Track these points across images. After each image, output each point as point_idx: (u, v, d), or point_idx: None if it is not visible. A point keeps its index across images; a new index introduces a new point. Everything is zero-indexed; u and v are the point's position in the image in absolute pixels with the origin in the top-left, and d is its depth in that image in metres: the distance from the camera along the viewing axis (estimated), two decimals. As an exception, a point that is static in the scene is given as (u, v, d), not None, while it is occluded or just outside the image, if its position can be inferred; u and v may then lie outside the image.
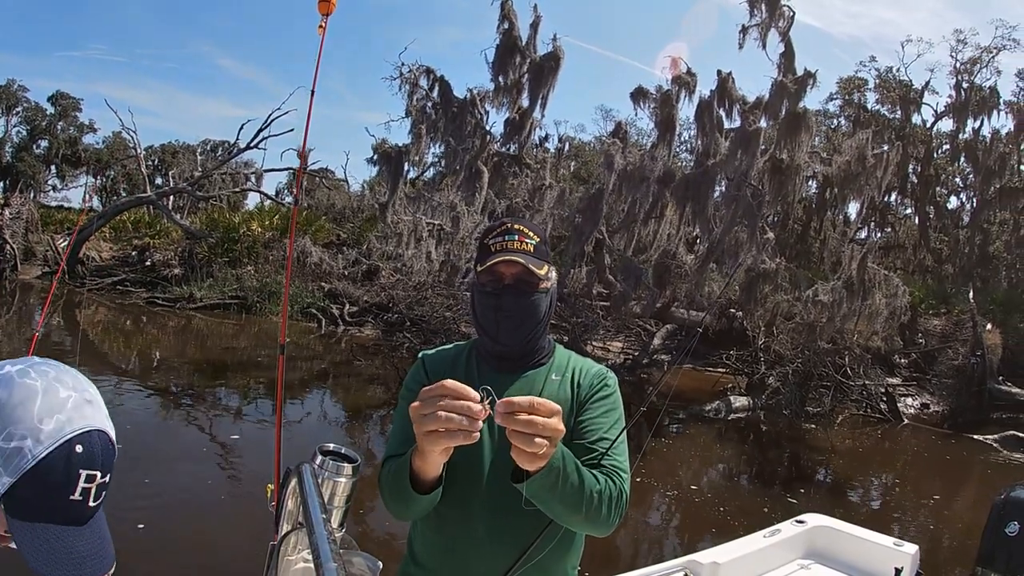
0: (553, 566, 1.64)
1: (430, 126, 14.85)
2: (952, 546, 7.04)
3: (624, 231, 13.95)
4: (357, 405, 10.80)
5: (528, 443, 1.21)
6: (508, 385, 1.69)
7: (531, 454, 1.23)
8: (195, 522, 5.57)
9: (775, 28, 13.56)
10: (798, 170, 12.54)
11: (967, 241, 22.13)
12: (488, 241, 1.67)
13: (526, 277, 1.64)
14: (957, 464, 10.82)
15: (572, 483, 1.40)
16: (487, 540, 1.60)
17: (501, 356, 1.72)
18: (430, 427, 1.22)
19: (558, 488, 1.38)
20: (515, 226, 1.67)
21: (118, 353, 12.90)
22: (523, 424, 1.20)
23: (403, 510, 1.59)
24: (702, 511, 7.56)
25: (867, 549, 3.40)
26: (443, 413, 1.20)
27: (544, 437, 1.22)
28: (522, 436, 1.21)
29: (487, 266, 1.64)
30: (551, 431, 1.23)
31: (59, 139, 47.26)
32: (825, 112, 24.51)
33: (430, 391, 1.24)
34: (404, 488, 1.49)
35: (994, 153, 20.85)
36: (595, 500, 1.46)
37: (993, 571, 2.87)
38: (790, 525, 3.55)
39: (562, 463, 1.37)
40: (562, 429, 1.26)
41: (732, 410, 12.05)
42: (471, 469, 1.61)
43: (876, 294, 11.78)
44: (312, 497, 1.21)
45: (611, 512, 1.50)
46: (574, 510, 1.44)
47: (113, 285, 20.19)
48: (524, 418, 1.20)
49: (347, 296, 18.47)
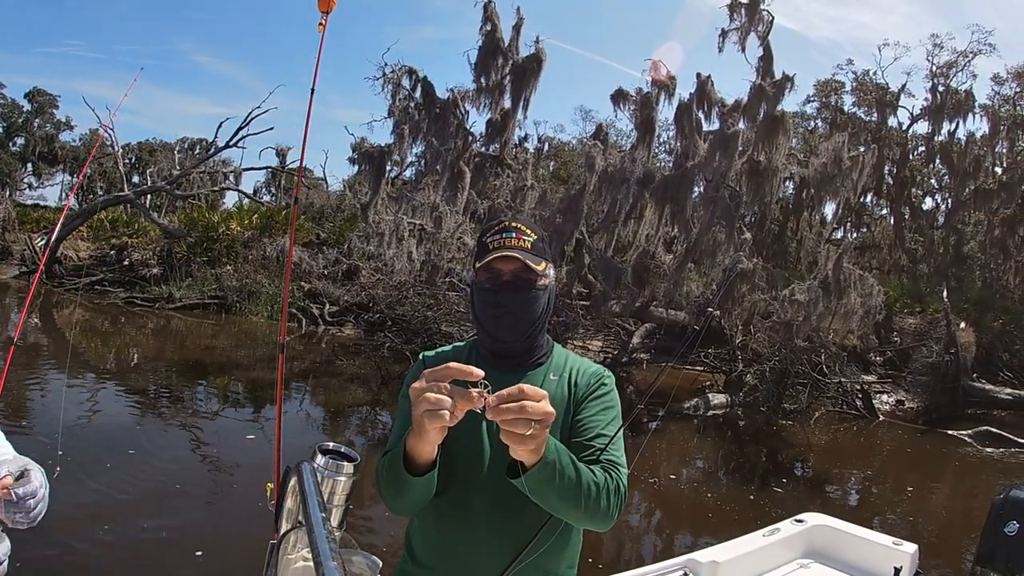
0: (551, 563, 1.66)
1: (413, 127, 14.88)
2: (931, 538, 7.18)
3: (604, 231, 14.07)
4: (339, 405, 10.79)
5: (518, 426, 1.22)
6: (507, 384, 1.66)
7: (522, 437, 1.24)
8: (194, 522, 5.56)
9: (754, 32, 13.77)
10: (775, 172, 12.71)
11: (942, 241, 22.40)
12: (486, 239, 1.69)
13: (524, 274, 1.65)
14: (932, 459, 11.02)
15: (569, 476, 1.42)
16: (487, 538, 1.61)
17: (501, 354, 1.72)
18: (426, 407, 1.25)
19: (555, 482, 1.39)
20: (513, 224, 1.69)
21: (97, 354, 12.80)
22: (514, 412, 1.22)
23: (397, 498, 1.58)
24: (683, 506, 7.69)
25: (866, 548, 3.40)
26: (441, 395, 1.25)
27: (535, 420, 1.23)
28: (513, 421, 1.23)
29: (485, 263, 1.66)
30: (541, 414, 1.23)
31: (36, 136, 46.67)
32: (803, 114, 24.73)
33: (435, 372, 1.27)
34: (399, 472, 1.49)
35: (969, 155, 21.11)
36: (594, 493, 1.48)
37: (993, 571, 2.87)
38: (789, 524, 3.54)
39: (556, 456, 1.39)
40: (551, 411, 1.26)
41: (711, 407, 12.20)
42: (470, 468, 1.62)
43: (851, 293, 11.98)
44: (312, 496, 1.21)
45: (610, 505, 1.52)
46: (573, 504, 1.46)
47: (91, 285, 19.93)
48: (514, 406, 1.22)
49: (327, 296, 18.39)
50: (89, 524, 5.13)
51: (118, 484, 6.04)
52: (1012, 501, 2.94)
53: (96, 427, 7.94)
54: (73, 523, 5.00)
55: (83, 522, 5.12)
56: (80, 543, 4.86)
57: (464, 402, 1.25)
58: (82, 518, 5.16)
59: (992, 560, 2.89)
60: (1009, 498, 2.96)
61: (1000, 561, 2.86)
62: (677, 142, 14.61)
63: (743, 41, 13.99)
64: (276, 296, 18.31)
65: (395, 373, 12.03)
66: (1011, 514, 2.89)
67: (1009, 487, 3.06)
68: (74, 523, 5.02)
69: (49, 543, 4.55)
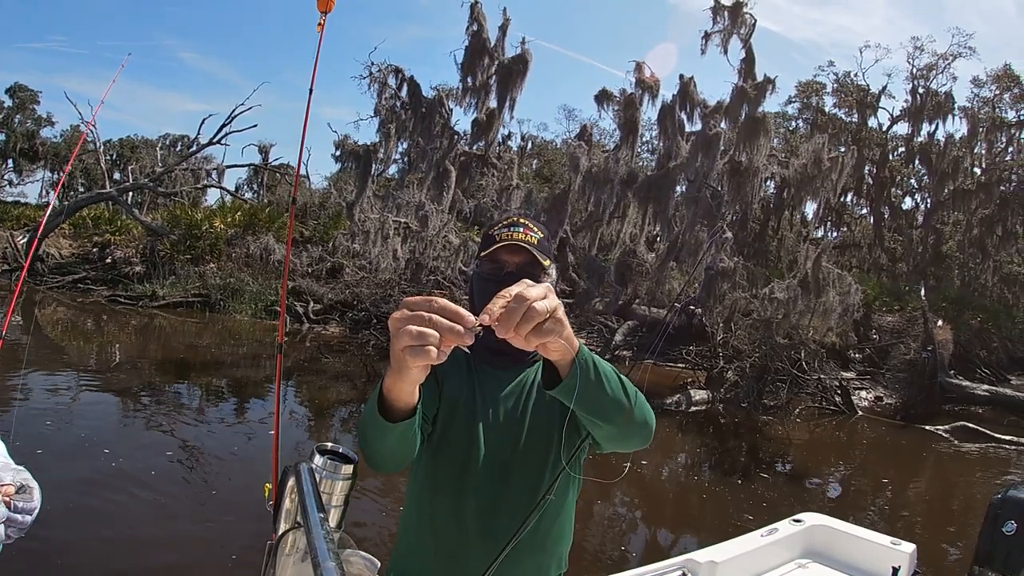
0: (542, 558, 1.68)
1: (399, 126, 14.93)
2: (909, 529, 7.34)
3: (588, 230, 14.21)
4: (325, 402, 10.83)
5: (535, 322, 1.08)
6: (503, 380, 1.70)
7: (550, 331, 1.11)
8: (193, 522, 5.56)
9: (737, 35, 13.93)
10: (757, 172, 12.88)
11: (921, 241, 22.64)
12: (494, 232, 1.67)
13: (530, 267, 1.62)
14: (910, 453, 11.21)
15: (604, 369, 1.34)
16: (479, 540, 1.60)
17: (498, 351, 1.65)
18: (409, 342, 1.06)
19: (596, 375, 1.30)
20: (521, 220, 1.68)
21: (80, 352, 12.77)
22: (523, 312, 1.07)
23: (374, 448, 1.45)
24: (667, 499, 7.81)
25: (865, 548, 3.39)
26: (425, 328, 1.05)
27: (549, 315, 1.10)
28: (529, 321, 1.08)
29: (491, 253, 1.64)
30: (550, 307, 1.10)
31: (16, 133, 46.12)
32: (784, 114, 24.94)
33: (416, 302, 1.08)
34: (374, 417, 1.36)
35: (948, 156, 21.31)
36: (630, 386, 1.40)
37: (991, 570, 2.87)
38: (788, 524, 3.52)
39: (584, 352, 1.29)
40: (556, 299, 1.13)
41: (692, 403, 12.33)
42: (463, 469, 1.62)
43: (830, 291, 12.17)
44: (310, 496, 1.19)
45: (646, 405, 1.47)
46: (621, 394, 1.37)
47: (74, 283, 19.85)
48: (519, 307, 1.07)
49: (311, 294, 18.34)
50: (84, 525, 5.12)
51: (107, 483, 6.03)
52: (1010, 501, 2.95)
53: (79, 426, 7.86)
54: (67, 522, 4.99)
55: (76, 522, 5.10)
56: (68, 544, 4.82)
57: (452, 337, 1.05)
58: (75, 519, 5.15)
59: (990, 560, 2.91)
60: (1007, 498, 2.98)
61: (998, 561, 2.88)
62: (660, 142, 14.76)
63: (726, 43, 14.15)
64: (260, 294, 18.29)
65: (380, 370, 12.08)
66: (1009, 514, 2.91)
67: (1007, 487, 3.08)
68: (68, 522, 5.01)
69: (33, 537, 4.56)
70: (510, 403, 1.69)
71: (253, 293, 18.40)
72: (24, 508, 1.71)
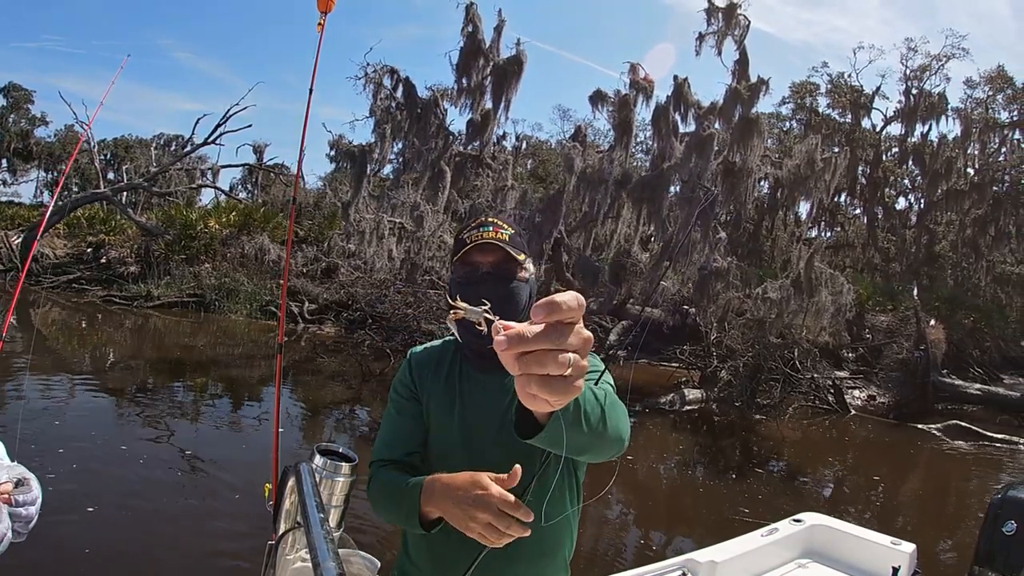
0: (550, 554, 1.70)
1: (395, 126, 14.94)
2: (904, 526, 7.39)
3: (582, 230, 14.24)
4: (321, 402, 10.85)
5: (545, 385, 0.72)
6: (489, 386, 1.67)
7: (561, 385, 0.73)
8: (192, 522, 5.55)
9: (731, 36, 14.00)
10: (750, 173, 12.93)
11: (914, 241, 22.69)
12: (464, 235, 1.65)
13: (505, 264, 1.61)
14: (902, 452, 11.28)
15: (584, 405, 1.21)
16: (476, 545, 1.51)
17: (485, 355, 1.64)
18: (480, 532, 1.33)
19: (577, 417, 1.19)
20: (489, 219, 1.66)
21: (76, 353, 12.77)
22: (544, 359, 0.71)
23: (387, 519, 1.67)
24: (660, 498, 7.86)
25: (865, 548, 3.36)
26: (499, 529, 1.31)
27: (572, 352, 0.72)
28: (542, 380, 0.72)
29: (462, 256, 1.61)
30: (581, 340, 0.73)
31: (10, 132, 45.96)
32: (778, 115, 25.01)
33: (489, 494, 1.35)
34: (407, 521, 1.53)
35: (941, 157, 21.37)
36: (610, 401, 1.34)
37: (991, 570, 2.88)
38: (788, 524, 3.50)
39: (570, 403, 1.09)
40: (585, 362, 0.74)
41: (686, 402, 12.41)
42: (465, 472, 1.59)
43: (822, 291, 12.24)
44: (310, 496, 1.21)
45: (622, 418, 1.40)
46: (600, 429, 1.27)
47: (68, 283, 19.82)
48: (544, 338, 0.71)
49: (306, 294, 18.34)
50: (81, 526, 5.11)
51: (103, 484, 6.04)
52: (1010, 501, 2.96)
53: (74, 427, 7.83)
54: (62, 524, 4.98)
55: (73, 523, 5.10)
56: (66, 544, 4.80)
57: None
58: (71, 520, 5.14)
59: (990, 560, 2.91)
60: (1007, 498, 2.98)
61: (998, 561, 2.88)
62: (654, 143, 14.80)
63: (720, 45, 14.25)
64: (255, 294, 18.30)
65: (375, 371, 12.13)
66: (1008, 514, 2.91)
67: (1007, 487, 3.09)
68: (64, 524, 4.99)
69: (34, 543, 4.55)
70: (494, 407, 1.66)
71: (248, 293, 18.40)
72: (26, 500, 1.70)
